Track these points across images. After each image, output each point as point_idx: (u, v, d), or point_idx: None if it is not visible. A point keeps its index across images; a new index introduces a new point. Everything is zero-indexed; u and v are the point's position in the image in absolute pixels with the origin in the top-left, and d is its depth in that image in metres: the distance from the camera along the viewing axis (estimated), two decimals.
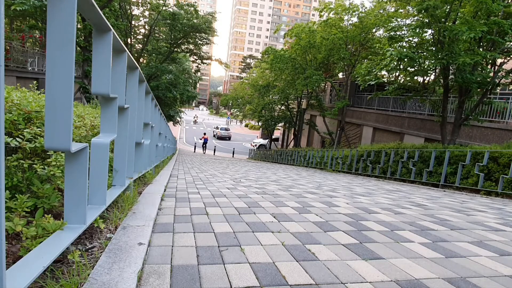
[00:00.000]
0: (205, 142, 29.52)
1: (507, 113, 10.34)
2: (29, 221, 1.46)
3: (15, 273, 1.05)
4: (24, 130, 1.84)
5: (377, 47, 16.97)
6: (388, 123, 15.98)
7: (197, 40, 24.43)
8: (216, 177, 6.04)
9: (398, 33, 9.77)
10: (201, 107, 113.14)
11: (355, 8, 17.17)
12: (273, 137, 33.37)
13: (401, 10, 14.22)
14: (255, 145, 36.20)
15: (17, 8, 10.82)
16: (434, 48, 9.12)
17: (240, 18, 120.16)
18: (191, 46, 25.10)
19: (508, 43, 8.72)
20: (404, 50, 9.12)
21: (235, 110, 39.18)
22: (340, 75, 23.00)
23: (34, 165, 1.76)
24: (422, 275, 1.61)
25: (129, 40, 22.33)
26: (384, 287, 1.47)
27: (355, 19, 17.81)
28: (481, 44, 9.04)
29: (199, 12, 23.35)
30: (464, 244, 2.16)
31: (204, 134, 31.18)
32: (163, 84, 21.83)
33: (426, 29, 9.37)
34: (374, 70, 10.58)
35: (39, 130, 1.90)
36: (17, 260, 1.21)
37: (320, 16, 18.93)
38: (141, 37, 24.99)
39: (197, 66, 28.84)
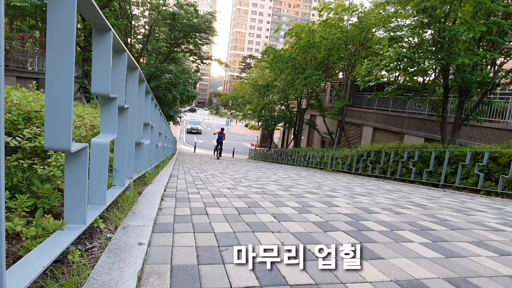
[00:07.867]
0: (219, 140, 18.40)
1: (507, 113, 10.34)
2: (29, 221, 1.45)
3: (15, 273, 1.05)
4: (24, 130, 1.84)
5: (377, 47, 16.98)
6: (388, 123, 15.98)
7: (197, 40, 24.42)
8: (216, 177, 6.04)
9: (398, 33, 9.78)
10: (196, 109, 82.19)
11: (354, 8, 17.19)
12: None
13: (401, 11, 14.21)
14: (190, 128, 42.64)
15: (17, 4, 10.77)
16: (433, 48, 9.12)
17: (240, 18, 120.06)
18: (191, 46, 25.10)
19: (508, 43, 8.71)
20: (404, 50, 9.12)
21: (235, 110, 39.24)
22: (340, 75, 23.00)
23: (34, 165, 1.76)
24: (422, 275, 1.61)
25: (129, 40, 22.32)
26: (384, 287, 1.47)
27: (354, 19, 17.83)
28: (481, 44, 9.04)
29: (199, 12, 23.36)
30: (464, 244, 2.16)
31: (222, 129, 19.50)
32: (163, 84, 21.82)
33: (425, 30, 9.37)
34: (374, 71, 10.59)
35: (39, 130, 1.90)
36: (17, 260, 1.20)
37: (320, 16, 18.93)
38: (141, 37, 24.97)
39: (197, 66, 28.83)
